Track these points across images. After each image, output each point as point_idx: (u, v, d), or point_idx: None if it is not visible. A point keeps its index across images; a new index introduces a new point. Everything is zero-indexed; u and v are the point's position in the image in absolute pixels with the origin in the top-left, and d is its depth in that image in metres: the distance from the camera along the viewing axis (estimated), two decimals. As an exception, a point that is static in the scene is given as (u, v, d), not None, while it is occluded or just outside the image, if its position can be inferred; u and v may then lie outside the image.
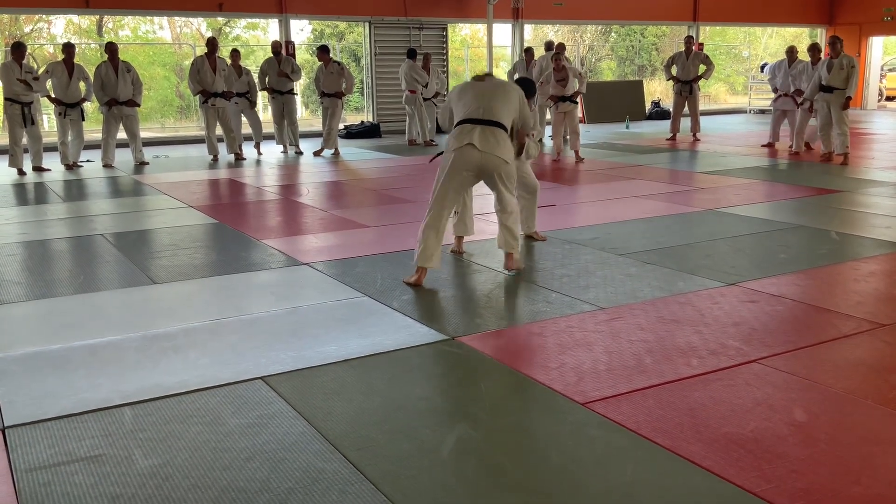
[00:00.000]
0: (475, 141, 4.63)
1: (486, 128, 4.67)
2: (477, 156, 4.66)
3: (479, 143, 4.63)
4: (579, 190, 8.45)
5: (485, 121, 4.68)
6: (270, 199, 8.05)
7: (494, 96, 4.79)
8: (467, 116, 4.74)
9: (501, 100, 4.78)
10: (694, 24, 19.07)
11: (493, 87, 4.88)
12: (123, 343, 3.75)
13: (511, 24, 16.93)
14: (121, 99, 10.67)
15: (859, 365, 3.43)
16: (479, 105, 4.74)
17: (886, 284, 4.74)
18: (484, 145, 4.64)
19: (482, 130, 4.65)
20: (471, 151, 4.66)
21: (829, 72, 10.16)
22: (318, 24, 22.13)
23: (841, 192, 7.81)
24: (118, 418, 2.93)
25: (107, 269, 5.23)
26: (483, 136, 4.65)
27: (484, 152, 4.65)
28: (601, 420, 2.87)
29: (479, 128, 4.66)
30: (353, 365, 3.45)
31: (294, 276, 4.96)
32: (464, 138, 4.67)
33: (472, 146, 4.64)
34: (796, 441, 2.69)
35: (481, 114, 4.70)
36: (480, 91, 4.84)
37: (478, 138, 4.63)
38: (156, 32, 23.15)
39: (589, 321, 3.97)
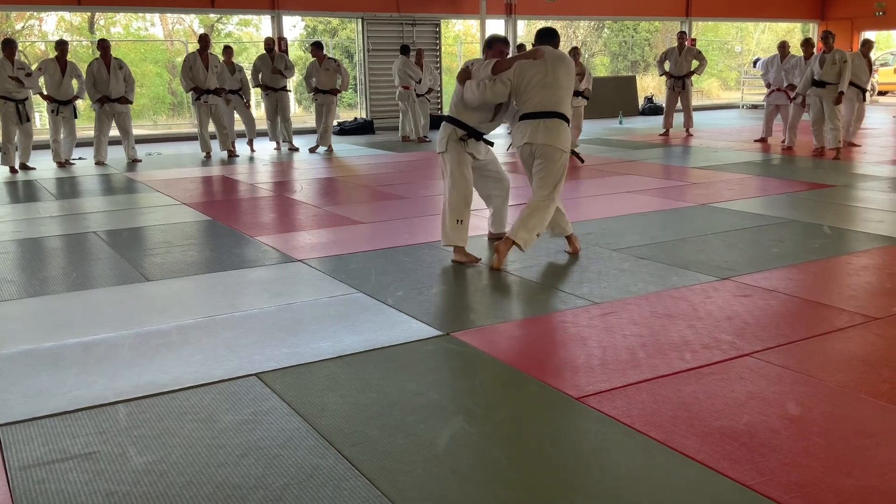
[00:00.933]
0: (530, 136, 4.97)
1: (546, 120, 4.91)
2: (528, 149, 5.04)
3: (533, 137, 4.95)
4: (574, 185, 8.45)
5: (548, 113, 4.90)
6: (264, 196, 8.04)
7: (557, 83, 4.94)
8: (534, 110, 4.93)
9: (566, 85, 4.99)
10: (686, 19, 19.09)
11: (556, 73, 4.93)
12: (117, 340, 3.74)
13: (504, 19, 16.93)
14: (113, 96, 10.64)
15: (852, 358, 3.44)
16: (546, 97, 4.92)
17: (879, 278, 4.76)
18: (535, 137, 4.92)
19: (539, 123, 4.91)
20: (527, 148, 5.05)
21: (822, 67, 10.18)
22: (310, 21, 22.09)
23: (833, 187, 7.83)
24: (112, 416, 2.93)
25: (100, 267, 5.21)
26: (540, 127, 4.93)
27: (534, 143, 4.94)
28: (595, 414, 2.88)
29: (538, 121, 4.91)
30: (347, 361, 3.45)
31: (288, 273, 4.95)
32: (524, 137, 5.01)
33: (528, 144, 5.01)
34: (789, 434, 2.70)
35: (550, 106, 4.92)
36: (546, 79, 4.91)
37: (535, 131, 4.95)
38: (148, 29, 23.09)
39: (583, 316, 3.98)
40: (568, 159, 5.00)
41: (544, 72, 4.87)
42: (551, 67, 4.89)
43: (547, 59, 4.92)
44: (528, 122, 4.91)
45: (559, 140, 4.86)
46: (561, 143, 4.86)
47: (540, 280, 4.71)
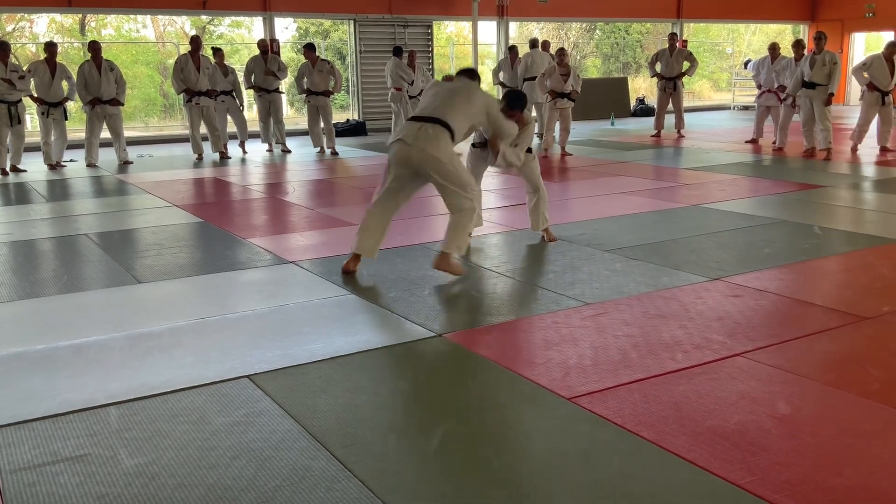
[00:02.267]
0: (408, 137, 4.54)
1: (427, 124, 4.57)
2: (406, 151, 4.57)
3: (410, 139, 4.53)
4: (565, 186, 8.47)
5: (430, 118, 4.59)
6: (256, 198, 8.03)
7: (452, 97, 4.69)
8: (417, 114, 4.71)
9: (460, 102, 4.67)
10: (678, 21, 19.14)
11: (454, 88, 4.81)
12: (108, 343, 3.73)
13: (496, 21, 16.95)
14: (104, 98, 10.61)
15: (842, 358, 3.46)
16: (432, 104, 4.68)
17: (869, 278, 4.78)
18: (415, 141, 4.52)
19: (421, 127, 4.56)
20: (403, 147, 4.58)
21: (812, 68, 10.22)
22: (302, 23, 22.06)
23: (824, 188, 7.87)
24: (103, 418, 2.92)
25: (91, 269, 5.20)
26: (421, 132, 4.54)
27: (413, 147, 4.53)
28: (587, 414, 2.89)
29: (419, 124, 4.58)
30: (339, 362, 3.44)
31: (280, 275, 4.95)
32: (399, 133, 4.63)
33: (403, 142, 4.56)
34: (780, 433, 2.71)
35: (430, 112, 4.63)
36: (440, 90, 4.80)
37: (412, 134, 4.54)
38: (139, 31, 23.01)
39: (574, 317, 3.99)
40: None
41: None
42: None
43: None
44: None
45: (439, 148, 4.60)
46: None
47: (532, 281, 4.71)
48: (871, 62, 10.63)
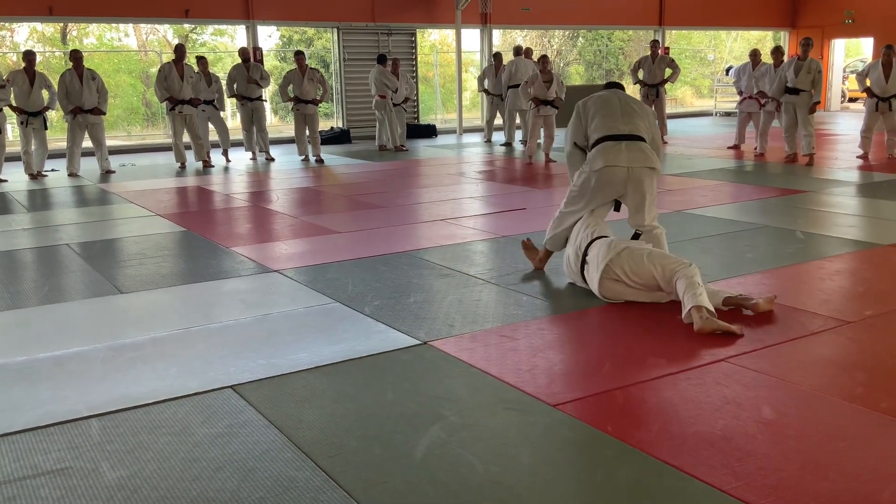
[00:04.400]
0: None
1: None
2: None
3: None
4: (550, 193, 8.49)
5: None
6: (239, 207, 7.99)
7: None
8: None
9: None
10: (660, 28, 19.26)
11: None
12: (90, 354, 3.69)
13: (479, 29, 16.98)
14: (86, 107, 10.54)
15: (826, 362, 3.48)
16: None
17: (851, 282, 4.82)
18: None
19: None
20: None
21: (797, 74, 10.29)
22: (285, 31, 22.04)
23: (806, 193, 7.92)
24: (85, 430, 2.89)
25: (72, 279, 5.15)
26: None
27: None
28: (572, 421, 2.88)
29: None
30: (324, 372, 3.42)
31: (264, 284, 4.92)
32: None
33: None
34: (765, 439, 2.72)
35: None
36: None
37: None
38: (121, 40, 22.89)
39: (560, 324, 3.99)
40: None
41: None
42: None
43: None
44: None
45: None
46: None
47: (517, 288, 4.71)
48: (868, 69, 10.71)
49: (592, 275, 4.27)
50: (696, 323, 3.74)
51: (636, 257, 4.14)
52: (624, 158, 4.53)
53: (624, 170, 4.53)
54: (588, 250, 4.34)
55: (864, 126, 10.63)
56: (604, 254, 4.20)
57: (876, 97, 10.46)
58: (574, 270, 4.51)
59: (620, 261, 4.15)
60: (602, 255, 4.21)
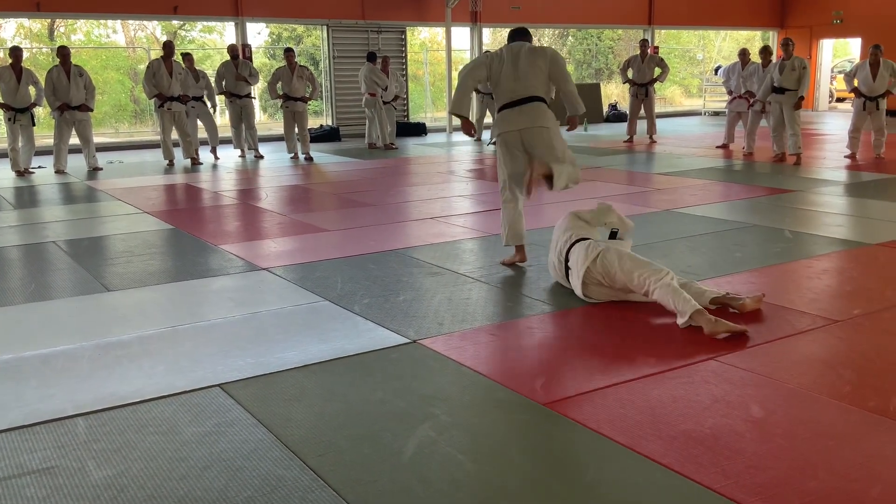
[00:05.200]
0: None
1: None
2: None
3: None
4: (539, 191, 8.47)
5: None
6: (228, 204, 7.95)
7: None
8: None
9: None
10: (649, 27, 19.31)
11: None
12: (76, 352, 3.66)
13: (469, 27, 16.99)
14: (73, 104, 10.47)
15: (814, 361, 3.49)
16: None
17: (839, 281, 4.84)
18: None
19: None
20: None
21: (781, 73, 10.34)
22: (275, 28, 21.96)
23: (794, 192, 7.95)
24: (71, 429, 2.86)
25: (59, 277, 5.11)
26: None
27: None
28: (562, 419, 2.88)
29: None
30: (313, 370, 3.41)
31: (253, 282, 4.90)
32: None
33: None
34: (754, 437, 2.72)
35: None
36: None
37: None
38: (109, 36, 22.76)
39: (549, 322, 3.98)
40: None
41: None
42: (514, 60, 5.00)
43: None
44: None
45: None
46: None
47: (506, 286, 4.71)
48: (856, 69, 10.76)
49: (574, 280, 4.27)
50: (707, 327, 3.70)
51: (608, 264, 4.13)
52: (514, 122, 4.96)
53: (517, 133, 4.95)
54: (569, 255, 4.34)
55: (851, 126, 10.68)
56: (581, 259, 4.20)
57: (863, 97, 10.52)
58: (560, 275, 4.52)
59: (597, 266, 4.15)
60: (580, 261, 4.21)
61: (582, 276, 4.18)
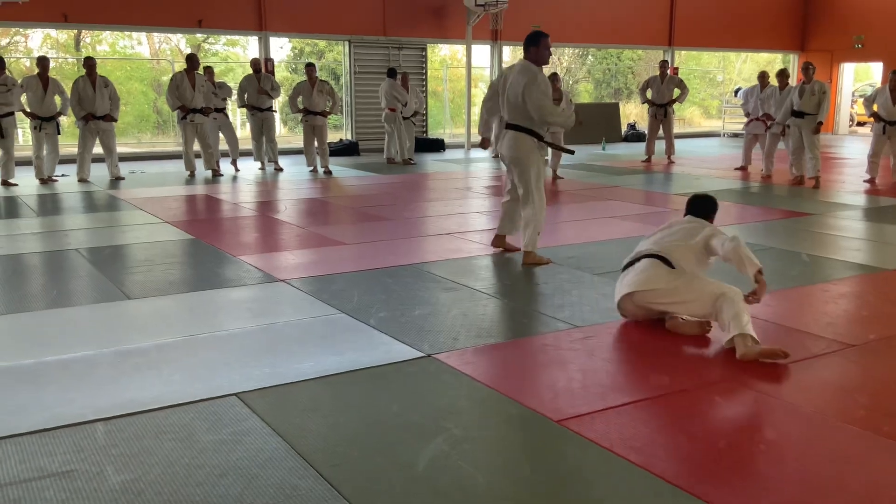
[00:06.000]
0: None
1: None
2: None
3: None
4: (557, 209, 8.51)
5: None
6: (247, 216, 8.03)
7: None
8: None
9: None
10: (669, 48, 19.35)
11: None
12: (96, 358, 3.72)
13: (490, 45, 17.09)
14: (98, 114, 10.63)
15: (829, 385, 3.48)
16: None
17: (856, 306, 4.82)
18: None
19: None
20: None
21: (801, 97, 10.33)
22: (297, 42, 22.18)
23: (812, 215, 7.93)
24: (90, 434, 2.91)
25: (80, 284, 5.19)
26: None
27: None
28: (575, 437, 2.89)
29: None
30: (328, 381, 3.44)
31: (270, 293, 4.95)
32: None
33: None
34: (767, 459, 2.73)
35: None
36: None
37: None
38: (134, 48, 23.07)
39: (564, 339, 4.00)
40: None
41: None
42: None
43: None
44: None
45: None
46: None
47: (521, 303, 4.73)
48: (876, 94, 10.74)
49: (621, 287, 4.22)
50: (739, 350, 3.69)
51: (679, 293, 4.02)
52: (503, 146, 5.84)
53: (505, 156, 5.84)
54: (639, 261, 4.22)
55: (871, 150, 10.65)
56: (640, 282, 4.08)
57: (883, 122, 10.48)
58: (622, 264, 4.40)
59: (649, 296, 4.07)
60: (638, 282, 4.09)
61: (627, 293, 4.10)
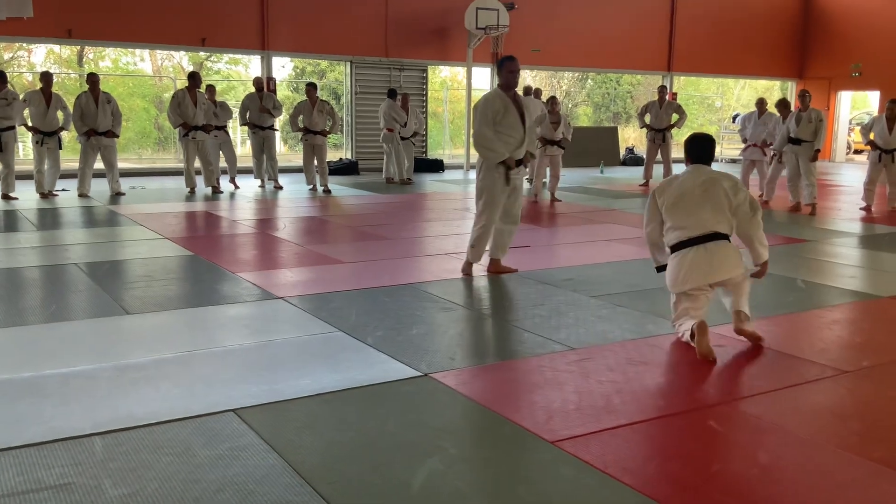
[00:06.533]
0: None
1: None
2: None
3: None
4: (554, 232, 8.56)
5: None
6: (247, 233, 8.07)
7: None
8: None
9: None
10: (668, 73, 19.51)
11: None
12: (95, 373, 3.74)
13: (490, 67, 17.22)
14: (100, 129, 10.69)
15: (822, 410, 3.51)
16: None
17: (850, 332, 4.86)
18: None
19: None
20: None
21: (798, 125, 10.43)
22: (299, 62, 22.33)
23: (808, 242, 7.98)
24: (88, 447, 2.92)
25: (80, 299, 5.21)
26: None
27: None
28: (570, 458, 2.92)
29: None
30: (325, 399, 3.46)
31: (268, 310, 4.98)
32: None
33: None
34: (759, 483, 2.75)
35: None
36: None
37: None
38: (136, 64, 23.21)
39: (560, 361, 4.03)
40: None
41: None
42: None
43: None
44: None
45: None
46: None
47: (518, 324, 4.76)
48: (872, 122, 10.86)
49: (696, 273, 4.31)
50: (738, 323, 4.30)
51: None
52: None
53: None
54: (708, 241, 4.30)
55: (867, 178, 10.73)
56: (726, 269, 4.33)
57: (879, 150, 10.57)
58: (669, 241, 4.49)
59: (725, 280, 4.38)
60: (724, 269, 4.33)
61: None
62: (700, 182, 4.40)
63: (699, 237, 4.30)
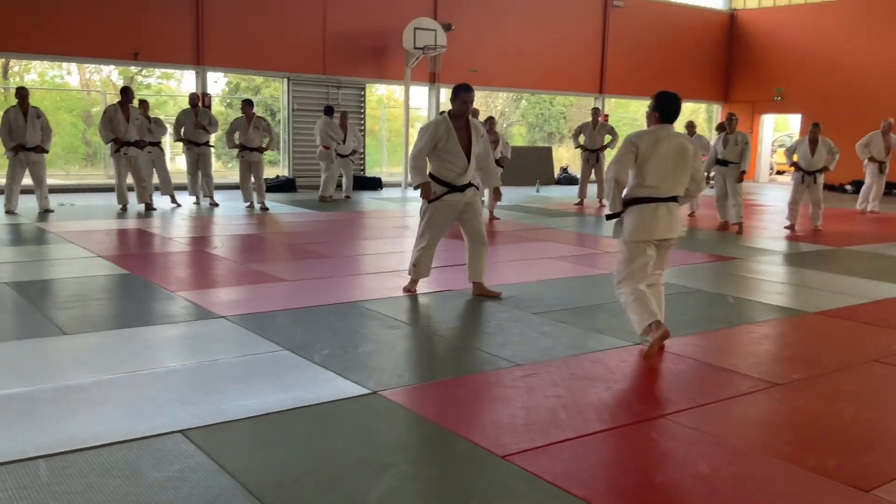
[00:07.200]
0: None
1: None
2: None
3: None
4: (494, 249, 8.65)
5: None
6: (182, 251, 7.95)
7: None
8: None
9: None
10: (600, 95, 19.99)
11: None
12: (35, 394, 3.64)
13: (427, 87, 17.37)
14: (28, 145, 10.39)
15: (756, 421, 3.66)
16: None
17: (779, 347, 5.07)
18: None
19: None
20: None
21: (725, 147, 10.84)
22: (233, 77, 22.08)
23: (736, 259, 8.28)
24: (33, 471, 2.86)
25: (11, 319, 5.06)
26: None
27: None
28: (520, 472, 2.98)
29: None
30: (273, 419, 3.45)
31: (210, 329, 4.92)
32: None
33: None
34: (701, 493, 2.86)
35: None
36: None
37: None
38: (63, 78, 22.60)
39: (506, 377, 4.10)
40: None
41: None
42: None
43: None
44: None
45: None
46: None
47: (464, 341, 4.82)
48: (796, 145, 11.34)
49: (654, 228, 4.80)
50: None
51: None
52: None
53: None
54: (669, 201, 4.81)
55: (791, 198, 11.20)
56: (677, 228, 4.92)
57: (802, 171, 11.06)
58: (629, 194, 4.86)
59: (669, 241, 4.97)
60: (676, 228, 4.91)
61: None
62: (673, 146, 4.78)
63: (665, 198, 4.75)
